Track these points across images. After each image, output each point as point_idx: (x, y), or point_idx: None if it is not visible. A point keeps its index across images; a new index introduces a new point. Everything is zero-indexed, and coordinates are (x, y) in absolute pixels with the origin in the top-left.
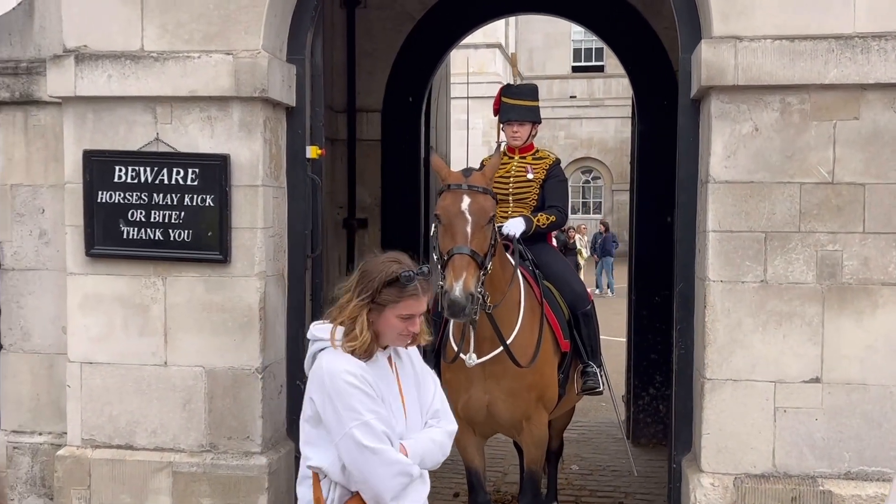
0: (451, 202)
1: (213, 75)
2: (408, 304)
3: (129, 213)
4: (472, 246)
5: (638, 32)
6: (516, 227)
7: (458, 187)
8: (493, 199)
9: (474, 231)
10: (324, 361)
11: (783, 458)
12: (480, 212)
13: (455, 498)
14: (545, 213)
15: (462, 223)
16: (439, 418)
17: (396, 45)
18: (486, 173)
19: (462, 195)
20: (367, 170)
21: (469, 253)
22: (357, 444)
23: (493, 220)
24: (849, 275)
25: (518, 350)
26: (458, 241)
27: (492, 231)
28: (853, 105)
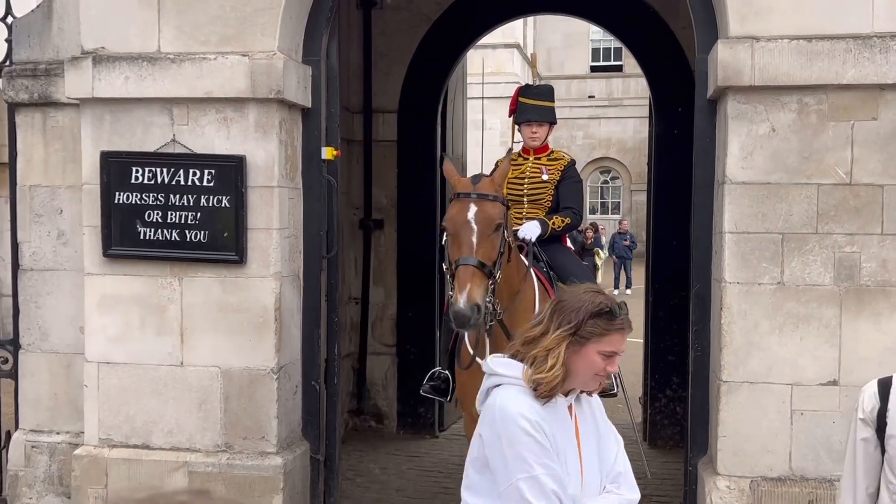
0: (458, 211)
1: (230, 76)
2: (613, 339)
3: (145, 214)
4: (479, 256)
5: (655, 33)
6: (532, 230)
7: (466, 196)
8: (503, 206)
9: (480, 240)
10: (498, 399)
11: (800, 462)
12: (487, 220)
13: None
14: (560, 216)
15: (468, 233)
16: (619, 483)
17: (412, 45)
18: (495, 179)
19: (469, 204)
20: (383, 170)
21: (475, 264)
22: (522, 499)
23: (503, 226)
24: (867, 277)
25: None
26: (464, 252)
27: (501, 239)
28: (871, 105)
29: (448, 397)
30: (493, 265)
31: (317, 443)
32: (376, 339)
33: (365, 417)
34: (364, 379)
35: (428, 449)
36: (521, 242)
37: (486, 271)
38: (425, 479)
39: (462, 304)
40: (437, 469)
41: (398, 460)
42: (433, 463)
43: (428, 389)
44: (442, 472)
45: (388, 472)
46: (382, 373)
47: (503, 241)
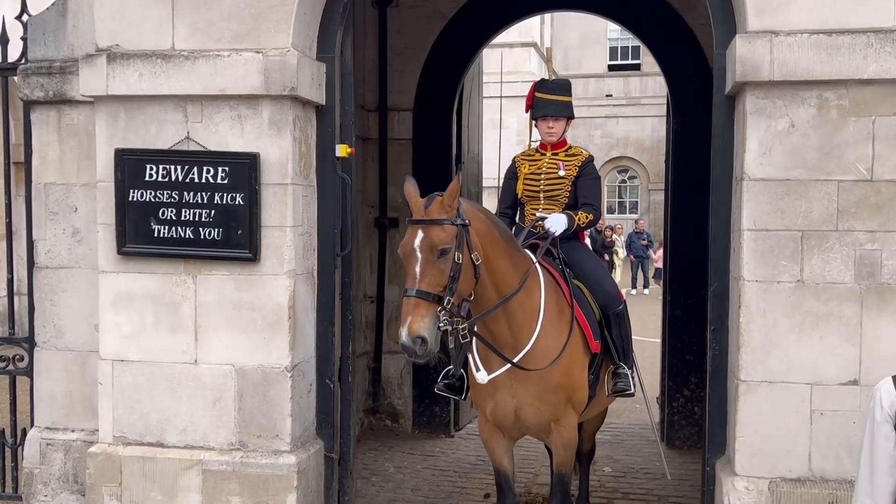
0: (407, 239)
1: (243, 74)
2: None
3: (159, 212)
4: (422, 286)
5: (673, 29)
6: (559, 224)
7: (415, 222)
8: (457, 226)
9: (425, 268)
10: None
11: (819, 462)
12: (431, 247)
13: (486, 499)
14: (583, 212)
15: (412, 262)
16: None
17: (428, 43)
18: (444, 200)
19: (416, 230)
20: (399, 169)
21: (416, 295)
22: None
23: (452, 249)
24: (888, 275)
25: (541, 354)
26: (408, 282)
27: (450, 263)
28: (893, 100)
29: (463, 395)
30: (442, 290)
31: (331, 441)
32: (391, 337)
33: (380, 416)
34: (379, 378)
35: (443, 448)
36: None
37: (431, 300)
38: (441, 479)
39: (404, 338)
40: (453, 469)
41: (413, 459)
42: (448, 462)
43: (442, 387)
44: (457, 471)
45: (403, 471)
46: (398, 371)
47: (454, 264)
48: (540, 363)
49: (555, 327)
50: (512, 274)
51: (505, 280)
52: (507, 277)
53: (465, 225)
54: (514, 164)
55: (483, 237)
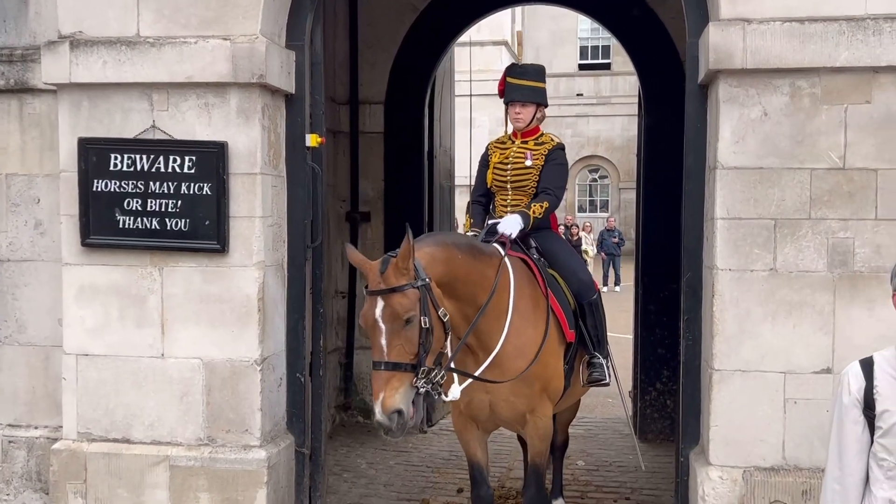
0: (367, 310)
1: (210, 61)
2: None
3: (124, 202)
4: (392, 357)
5: (644, 23)
6: (513, 226)
7: (373, 293)
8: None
9: (391, 340)
10: None
11: (793, 451)
12: (394, 316)
13: (459, 493)
14: (537, 202)
15: (377, 334)
16: None
17: (399, 36)
18: (399, 263)
19: (375, 301)
20: (370, 163)
21: (385, 368)
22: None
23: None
24: (861, 263)
25: (513, 352)
26: (376, 355)
27: (418, 328)
28: (865, 88)
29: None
30: (414, 357)
31: (302, 436)
32: (363, 333)
33: (352, 413)
34: (351, 374)
35: (416, 444)
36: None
37: (403, 370)
38: (414, 474)
39: (379, 416)
40: (426, 464)
41: (386, 455)
42: (421, 458)
43: None
44: (430, 466)
45: (375, 467)
46: (370, 367)
47: (422, 329)
48: (512, 361)
49: (529, 321)
50: (480, 288)
51: (473, 298)
52: (475, 294)
53: (426, 284)
54: (487, 151)
55: (446, 275)
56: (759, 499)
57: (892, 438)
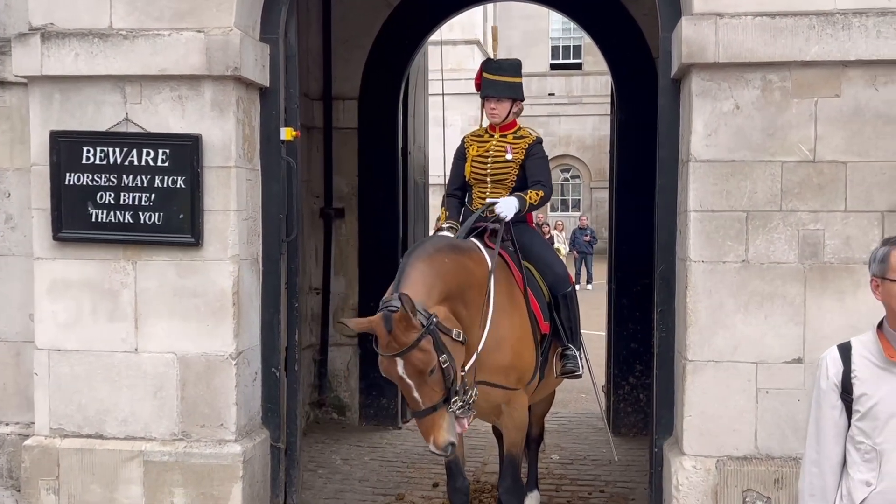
0: (388, 368)
1: (184, 53)
2: None
3: (97, 196)
4: (426, 403)
5: (616, 19)
6: (510, 208)
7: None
8: (431, 333)
9: (421, 389)
10: None
11: (766, 440)
12: (418, 372)
13: (434, 488)
14: (533, 190)
15: (407, 389)
16: None
17: (373, 31)
18: (403, 323)
19: (395, 361)
20: (344, 158)
21: (426, 414)
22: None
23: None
24: (831, 254)
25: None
26: (413, 406)
27: (442, 372)
28: (835, 82)
29: None
30: (445, 392)
31: (277, 431)
32: (338, 330)
33: (327, 409)
34: (325, 370)
35: (391, 440)
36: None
37: (440, 408)
38: (389, 470)
39: (436, 451)
40: (401, 459)
41: (361, 451)
42: (396, 454)
43: None
44: (405, 461)
45: (350, 462)
46: (344, 364)
47: (448, 371)
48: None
49: (506, 314)
50: (468, 285)
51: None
52: (464, 290)
53: (433, 324)
54: (463, 144)
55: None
56: (732, 487)
57: (869, 422)
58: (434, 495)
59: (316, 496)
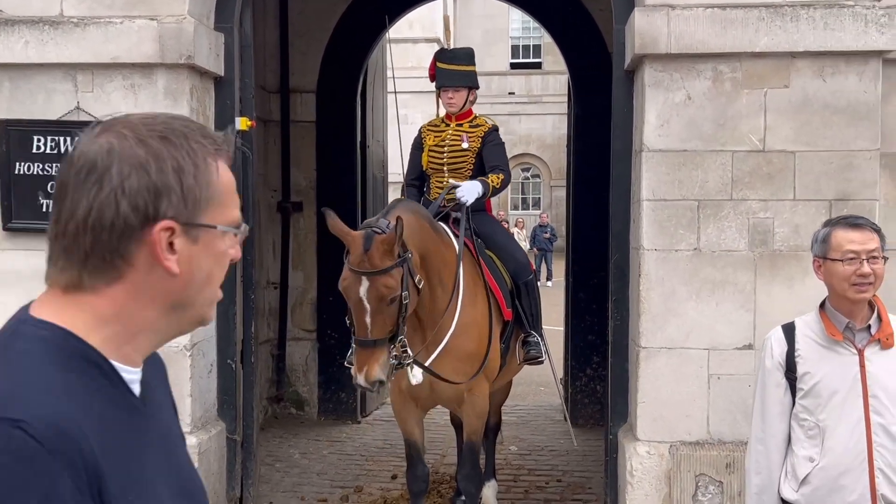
0: (350, 285)
1: (137, 41)
2: None
3: (48, 185)
4: (374, 335)
5: (573, 14)
6: (472, 192)
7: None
8: (401, 266)
9: (375, 318)
10: None
11: (717, 425)
12: (380, 298)
13: (393, 480)
14: (494, 174)
15: (360, 312)
16: None
17: (331, 24)
18: (385, 247)
19: (360, 279)
20: (302, 152)
21: (370, 345)
22: None
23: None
24: (780, 242)
25: (462, 329)
26: (359, 332)
27: (399, 306)
28: (783, 73)
29: None
30: (392, 329)
31: (233, 423)
32: (296, 324)
33: (285, 404)
34: (283, 365)
35: (350, 434)
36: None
37: (384, 343)
38: (347, 463)
39: (362, 383)
40: (360, 453)
41: (319, 446)
42: (355, 447)
43: (351, 360)
44: (364, 455)
45: (308, 457)
46: (303, 359)
47: (402, 305)
48: (455, 339)
49: (470, 300)
50: (443, 265)
51: (438, 273)
52: (440, 270)
53: (407, 260)
54: (420, 134)
55: (420, 247)
56: (685, 472)
57: (812, 399)
58: (393, 487)
59: (273, 490)
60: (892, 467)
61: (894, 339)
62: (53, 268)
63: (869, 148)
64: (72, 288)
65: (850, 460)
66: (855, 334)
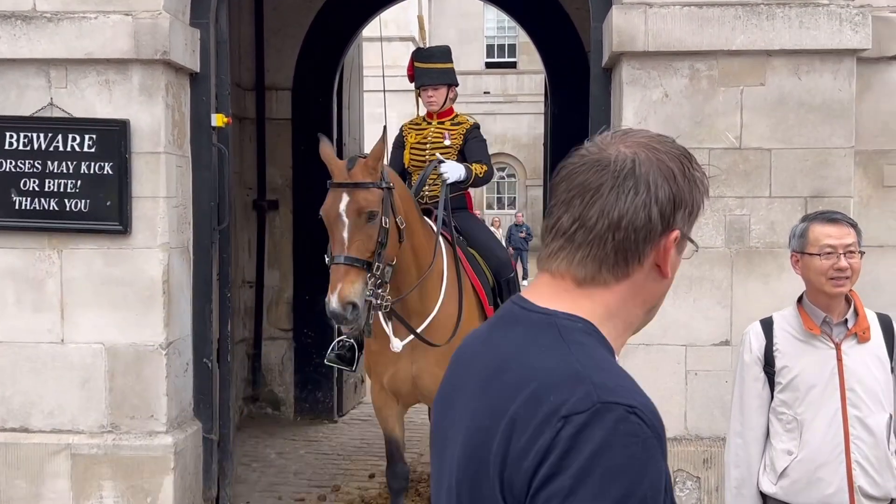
0: (331, 203)
1: (111, 36)
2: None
3: (21, 182)
4: (351, 252)
5: (550, 13)
6: (455, 171)
7: (339, 185)
8: (382, 189)
9: (353, 234)
10: None
11: (695, 421)
12: (358, 211)
13: (371, 479)
14: (477, 164)
15: (339, 228)
16: None
17: (307, 21)
18: (369, 163)
19: (341, 194)
20: (278, 149)
21: (347, 262)
22: None
23: (379, 214)
24: (756, 239)
25: (443, 320)
26: (336, 249)
27: (378, 227)
28: (759, 71)
29: (353, 366)
30: (370, 256)
31: (209, 422)
32: (272, 323)
33: (261, 404)
34: (259, 365)
35: (326, 434)
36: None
37: (360, 266)
38: (324, 462)
39: (334, 305)
40: (336, 452)
41: (296, 445)
42: (332, 447)
43: (333, 358)
44: (341, 454)
45: (285, 456)
46: (279, 358)
47: (381, 228)
48: (442, 330)
49: (454, 294)
50: (426, 240)
51: (422, 245)
52: (423, 242)
53: (390, 188)
54: (402, 133)
55: (404, 201)
56: None
57: (790, 393)
58: (371, 486)
59: (250, 489)
60: (869, 460)
61: (870, 334)
62: (565, 261)
63: (843, 145)
64: (587, 282)
65: (827, 453)
66: (832, 328)
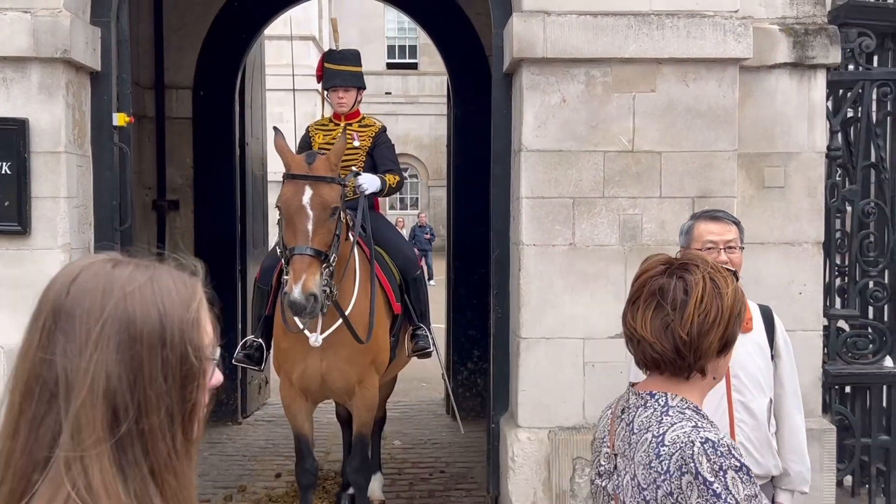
0: (292, 195)
1: (9, 34)
2: None
3: None
4: (315, 244)
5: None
6: (372, 183)
7: (301, 178)
8: (341, 185)
9: (317, 227)
10: None
11: (593, 411)
12: (323, 205)
13: (277, 478)
14: (390, 174)
15: (303, 219)
16: None
17: (207, 20)
18: (330, 159)
19: (304, 187)
20: (179, 149)
21: (311, 253)
22: None
23: (339, 209)
24: (648, 237)
25: (356, 317)
26: (300, 240)
27: (337, 222)
28: (650, 78)
29: (261, 366)
30: (328, 249)
31: None
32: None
33: None
34: None
35: (231, 435)
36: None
37: (321, 258)
38: (230, 463)
39: (297, 295)
40: (242, 453)
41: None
42: (237, 448)
43: (241, 358)
44: (246, 455)
45: None
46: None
47: (339, 223)
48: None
49: (366, 292)
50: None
51: (346, 248)
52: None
53: (343, 185)
54: (308, 133)
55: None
56: (563, 456)
57: None
58: (277, 485)
59: None
60: (752, 441)
61: (752, 324)
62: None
63: (727, 149)
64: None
65: None
66: None
